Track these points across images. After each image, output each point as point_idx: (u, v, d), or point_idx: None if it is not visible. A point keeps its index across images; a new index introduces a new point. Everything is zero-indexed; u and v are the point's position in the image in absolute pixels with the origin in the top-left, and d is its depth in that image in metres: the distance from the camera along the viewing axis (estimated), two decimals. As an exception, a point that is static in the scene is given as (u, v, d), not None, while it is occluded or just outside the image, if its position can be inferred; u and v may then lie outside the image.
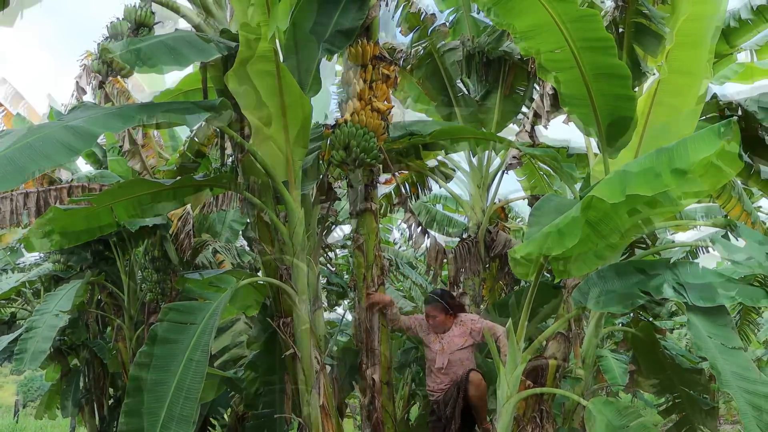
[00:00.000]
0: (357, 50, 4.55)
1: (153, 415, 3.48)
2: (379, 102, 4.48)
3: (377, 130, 4.44)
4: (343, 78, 4.67)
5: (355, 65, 4.60)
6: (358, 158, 4.33)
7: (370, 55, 4.55)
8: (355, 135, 4.33)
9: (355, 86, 4.48)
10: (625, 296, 4.11)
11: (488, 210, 6.46)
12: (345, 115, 4.48)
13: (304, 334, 4.34)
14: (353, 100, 4.46)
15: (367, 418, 4.80)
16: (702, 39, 4.54)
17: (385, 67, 4.58)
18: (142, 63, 3.64)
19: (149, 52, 3.85)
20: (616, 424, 3.66)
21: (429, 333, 4.92)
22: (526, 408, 4.47)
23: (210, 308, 3.82)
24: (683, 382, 5.27)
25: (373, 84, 4.54)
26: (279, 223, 4.41)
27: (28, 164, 3.19)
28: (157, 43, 3.79)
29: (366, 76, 4.53)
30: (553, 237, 3.50)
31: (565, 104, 4.74)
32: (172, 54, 3.75)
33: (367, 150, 4.34)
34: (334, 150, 4.41)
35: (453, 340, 4.83)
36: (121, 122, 3.53)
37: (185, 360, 3.61)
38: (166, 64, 3.72)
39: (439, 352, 4.81)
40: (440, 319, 4.84)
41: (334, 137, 4.43)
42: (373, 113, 4.43)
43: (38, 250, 4.69)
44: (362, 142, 4.33)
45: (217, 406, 8.26)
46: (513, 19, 4.25)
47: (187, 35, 4.19)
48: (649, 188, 3.17)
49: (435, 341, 4.87)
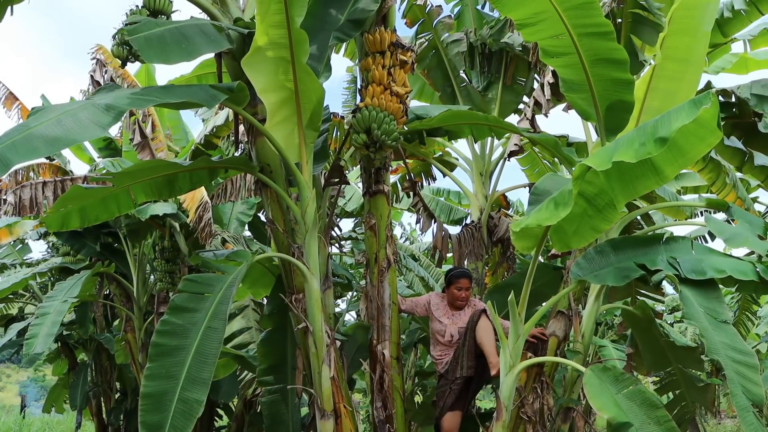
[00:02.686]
0: (375, 37, 4.77)
1: (173, 378, 3.68)
2: (398, 86, 4.70)
3: (397, 114, 4.67)
4: (362, 65, 4.88)
5: (373, 52, 4.81)
6: (380, 140, 4.55)
7: (388, 41, 4.77)
8: (375, 118, 4.55)
9: (374, 72, 4.70)
10: (621, 269, 4.32)
11: (491, 197, 6.65)
12: (365, 99, 4.68)
13: (315, 309, 4.53)
14: (373, 86, 4.68)
15: (378, 392, 4.99)
16: (697, 26, 4.72)
17: (402, 53, 4.80)
18: (152, 52, 3.78)
19: (162, 39, 3.99)
20: (612, 389, 3.85)
21: (440, 308, 5.24)
22: (527, 379, 4.66)
23: (227, 279, 4.02)
24: (678, 359, 5.44)
25: (392, 69, 4.75)
26: (291, 203, 4.60)
27: (60, 137, 3.38)
28: (172, 29, 3.97)
29: (385, 61, 4.74)
30: (549, 208, 3.70)
31: (565, 90, 4.94)
32: (183, 43, 3.91)
33: (388, 132, 4.57)
34: (355, 133, 4.63)
35: (462, 318, 5.15)
36: (145, 101, 3.72)
37: (204, 327, 3.81)
38: (176, 54, 3.85)
39: (449, 326, 5.14)
40: (469, 294, 5.21)
41: (355, 121, 4.65)
42: (393, 97, 4.66)
43: (57, 228, 4.87)
44: (383, 125, 4.56)
45: (226, 393, 8.48)
46: (515, 7, 4.45)
47: (201, 23, 4.35)
48: (633, 155, 3.30)
49: (444, 316, 5.20)
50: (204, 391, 3.61)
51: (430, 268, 11.47)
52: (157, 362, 3.74)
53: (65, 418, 16.25)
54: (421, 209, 6.28)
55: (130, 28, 4.00)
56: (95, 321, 11.62)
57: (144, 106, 3.70)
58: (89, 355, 11.80)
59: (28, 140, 3.36)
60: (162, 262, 8.50)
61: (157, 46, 3.85)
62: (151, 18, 4.49)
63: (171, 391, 3.63)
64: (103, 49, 8.85)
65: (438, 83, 6.98)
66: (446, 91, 7.01)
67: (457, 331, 5.11)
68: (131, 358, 9.76)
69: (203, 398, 3.59)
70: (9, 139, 3.39)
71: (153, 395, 3.66)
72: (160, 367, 3.72)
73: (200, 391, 3.61)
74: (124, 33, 4.05)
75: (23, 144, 3.35)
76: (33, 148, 3.32)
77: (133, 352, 9.68)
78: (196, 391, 3.61)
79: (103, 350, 11.47)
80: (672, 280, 4.14)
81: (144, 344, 9.55)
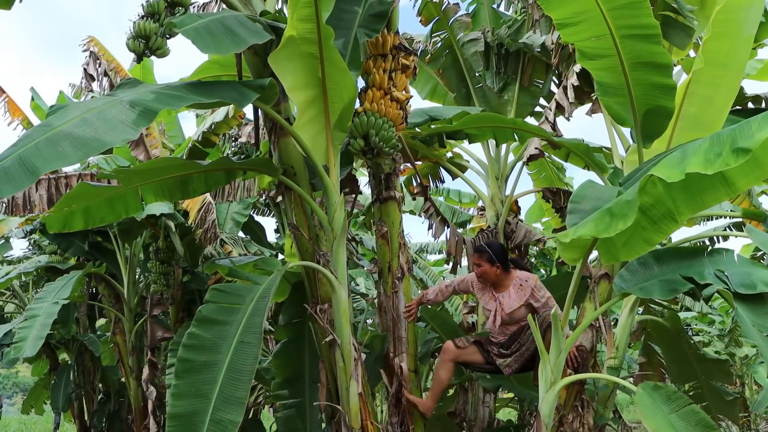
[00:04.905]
0: (377, 40, 4.54)
1: (204, 397, 3.40)
2: (398, 92, 4.49)
3: (396, 120, 4.47)
4: (363, 67, 4.64)
5: (375, 54, 4.58)
6: (377, 147, 4.35)
7: (391, 44, 4.55)
8: (374, 124, 4.35)
9: (375, 75, 4.49)
10: (668, 282, 4.14)
11: (507, 201, 6.47)
12: (365, 104, 4.47)
13: (344, 321, 4.29)
14: (373, 90, 4.47)
15: (394, 407, 4.78)
16: (738, 30, 4.57)
17: (404, 57, 4.58)
18: (204, 42, 3.53)
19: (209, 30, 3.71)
20: (666, 409, 3.68)
21: (485, 292, 4.78)
22: (567, 396, 4.47)
23: (258, 290, 3.76)
24: (706, 372, 5.32)
25: (393, 74, 4.54)
26: (317, 208, 4.36)
27: (88, 140, 3.09)
28: (214, 21, 3.71)
29: (385, 65, 4.52)
30: (605, 220, 3.50)
31: (600, 93, 4.75)
32: (229, 34, 3.66)
33: (386, 139, 4.38)
34: (353, 139, 4.42)
35: (509, 302, 4.67)
36: (178, 100, 3.43)
37: (236, 342, 3.54)
38: (228, 44, 3.62)
39: (497, 311, 4.66)
40: (485, 269, 4.67)
41: (353, 126, 4.44)
42: (392, 103, 4.46)
43: (58, 229, 4.58)
44: (381, 132, 4.36)
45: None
46: (558, 5, 4.25)
47: (237, 15, 4.08)
48: (708, 166, 3.08)
49: (490, 300, 4.74)
50: (240, 412, 3.34)
51: (426, 269, 11.28)
52: (185, 379, 3.46)
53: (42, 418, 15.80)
54: (433, 214, 6.06)
55: (177, 19, 3.72)
56: (78, 321, 11.28)
57: (178, 106, 3.42)
58: (71, 355, 11.42)
59: (53, 143, 3.07)
60: (157, 264, 8.18)
61: (208, 37, 3.59)
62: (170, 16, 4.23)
63: (202, 411, 3.35)
64: (95, 41, 8.50)
65: (452, 83, 6.77)
66: (461, 92, 6.80)
67: (508, 316, 4.64)
68: (120, 361, 9.45)
69: (239, 419, 3.33)
70: (32, 141, 3.09)
71: (182, 416, 3.37)
72: (188, 385, 3.44)
73: (235, 412, 3.34)
74: (174, 25, 3.75)
75: (49, 147, 3.05)
76: (61, 153, 3.02)
77: (122, 354, 9.38)
78: (230, 412, 3.34)
79: (86, 351, 11.12)
80: (726, 296, 3.97)
81: (134, 347, 9.26)
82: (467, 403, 5.84)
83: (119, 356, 9.44)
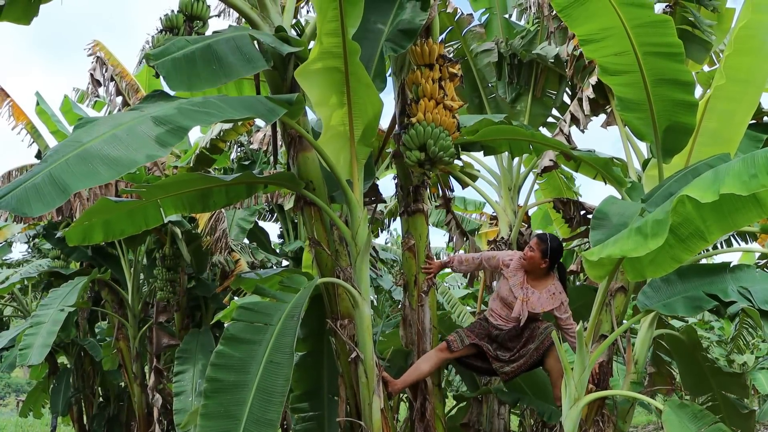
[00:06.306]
0: (424, 50, 4.51)
1: (234, 418, 3.36)
2: (450, 100, 4.46)
3: (450, 128, 4.43)
4: (409, 78, 4.62)
5: (421, 65, 4.56)
6: (436, 157, 4.31)
7: (437, 54, 4.52)
8: (431, 134, 4.31)
9: (425, 86, 4.45)
10: (692, 300, 4.16)
11: (520, 212, 6.46)
12: (418, 115, 4.43)
13: (366, 336, 4.28)
14: (424, 100, 4.43)
15: (419, 421, 4.77)
16: (760, 46, 4.59)
17: (451, 66, 4.56)
18: (178, 78, 3.48)
19: (190, 60, 3.64)
20: (692, 427, 3.68)
21: (518, 276, 4.66)
22: (588, 411, 4.48)
23: (286, 308, 3.73)
24: (721, 385, 5.34)
25: (442, 82, 4.51)
26: (341, 223, 4.34)
27: (120, 158, 3.06)
28: (203, 48, 3.65)
29: (434, 75, 4.49)
30: (636, 238, 3.49)
31: (621, 108, 4.76)
32: (214, 65, 3.60)
33: (445, 148, 4.33)
34: (409, 151, 4.38)
35: (539, 302, 4.60)
36: (208, 116, 3.40)
37: (265, 361, 3.51)
38: (204, 79, 3.58)
39: (521, 302, 4.57)
40: (535, 256, 4.58)
41: (408, 138, 4.39)
42: (446, 111, 4.41)
43: (78, 242, 4.55)
44: (439, 141, 4.31)
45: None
46: (583, 22, 4.26)
47: (239, 37, 3.99)
48: (743, 188, 3.08)
49: (519, 286, 4.62)
50: (272, 433, 3.32)
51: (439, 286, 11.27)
52: (215, 399, 3.43)
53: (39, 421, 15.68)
54: (453, 227, 6.06)
55: (156, 51, 3.65)
56: (78, 324, 11.22)
57: (208, 123, 3.40)
58: (71, 359, 11.35)
59: (85, 160, 3.03)
60: (163, 270, 8.14)
61: (185, 71, 3.56)
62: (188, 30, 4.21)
63: (233, 432, 3.34)
64: (101, 46, 8.46)
65: (465, 93, 6.76)
66: (474, 102, 6.79)
67: (527, 313, 4.55)
68: (123, 367, 9.40)
69: (270, 441, 3.31)
70: (62, 156, 3.06)
71: (213, 437, 3.36)
72: (218, 405, 3.41)
73: (267, 434, 3.33)
74: (150, 57, 3.67)
75: (80, 165, 3.02)
76: (93, 171, 2.98)
77: (126, 361, 9.33)
78: (262, 434, 3.32)
79: (86, 355, 11.07)
80: (752, 314, 3.98)
81: (138, 353, 9.22)
82: (481, 415, 5.82)
83: (122, 362, 9.38)
